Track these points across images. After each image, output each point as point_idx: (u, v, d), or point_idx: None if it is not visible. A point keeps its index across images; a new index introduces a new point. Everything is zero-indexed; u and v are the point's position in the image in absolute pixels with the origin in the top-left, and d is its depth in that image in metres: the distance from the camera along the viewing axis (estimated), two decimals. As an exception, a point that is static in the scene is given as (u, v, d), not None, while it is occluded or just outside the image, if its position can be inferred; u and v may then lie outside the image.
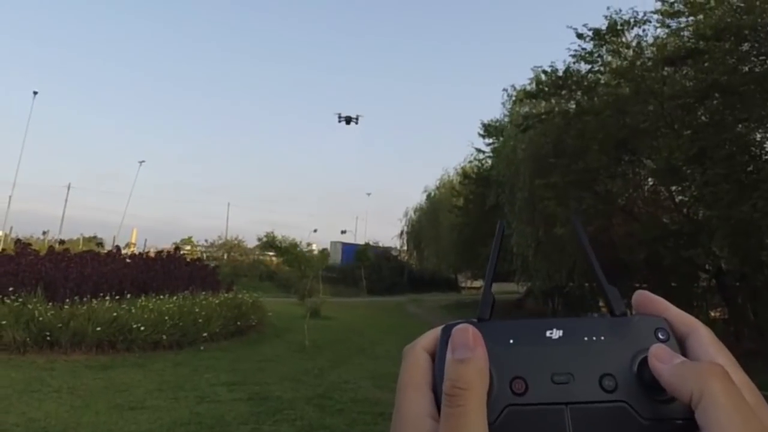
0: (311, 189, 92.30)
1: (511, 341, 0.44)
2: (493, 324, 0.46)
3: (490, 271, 0.50)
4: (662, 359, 0.40)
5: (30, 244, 14.01)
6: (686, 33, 13.64)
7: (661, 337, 0.43)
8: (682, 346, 0.44)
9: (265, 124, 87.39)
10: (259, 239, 36.31)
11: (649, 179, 16.47)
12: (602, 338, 0.44)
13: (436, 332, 0.47)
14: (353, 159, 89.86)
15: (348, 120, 35.23)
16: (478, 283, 41.04)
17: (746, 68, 12.36)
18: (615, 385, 0.41)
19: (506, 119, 23.92)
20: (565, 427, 0.40)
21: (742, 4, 12.12)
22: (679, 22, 13.76)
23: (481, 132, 28.02)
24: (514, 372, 0.42)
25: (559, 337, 0.44)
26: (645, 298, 0.48)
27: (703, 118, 13.56)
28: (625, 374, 0.42)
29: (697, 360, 0.42)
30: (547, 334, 0.45)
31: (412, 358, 0.45)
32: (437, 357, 0.44)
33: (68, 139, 77.04)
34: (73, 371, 9.00)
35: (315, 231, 46.64)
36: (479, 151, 29.48)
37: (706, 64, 12.54)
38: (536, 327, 0.45)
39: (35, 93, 36.12)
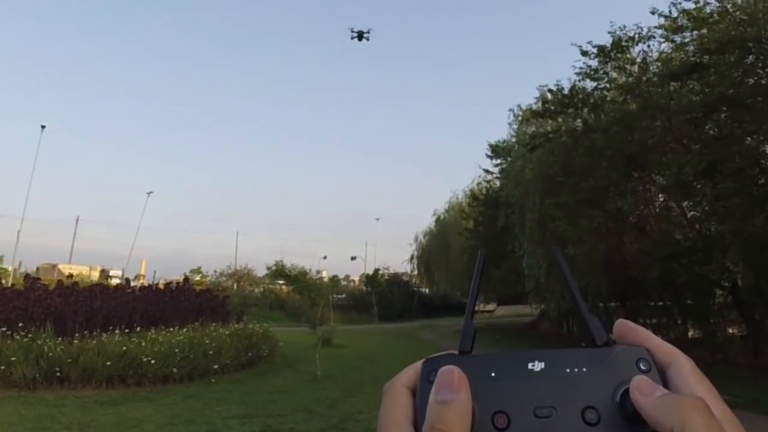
0: (320, 216, 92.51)
1: (493, 374, 0.44)
2: (475, 357, 0.45)
3: (471, 302, 0.50)
4: (644, 392, 0.40)
5: (39, 279, 13.97)
6: (691, 47, 13.62)
7: (642, 367, 0.43)
8: (663, 376, 0.43)
9: (273, 152, 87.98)
10: (269, 268, 36.21)
11: (660, 195, 16.36)
12: (584, 370, 0.44)
13: (416, 367, 0.46)
14: (362, 184, 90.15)
15: (360, 35, 35.40)
16: (491, 306, 40.72)
17: (752, 81, 12.31)
18: (597, 418, 0.41)
19: (513, 139, 23.95)
20: None
21: (745, 17, 12.11)
22: (684, 37, 13.77)
23: (489, 153, 28.06)
24: (497, 406, 0.42)
25: (541, 370, 0.44)
26: (626, 327, 0.47)
27: (711, 132, 13.49)
28: (608, 407, 0.41)
29: (678, 391, 0.42)
30: (529, 366, 0.44)
31: (392, 394, 0.45)
32: (418, 393, 0.44)
33: (76, 172, 77.85)
34: (83, 407, 8.88)
35: (325, 258, 46.47)
36: (487, 172, 29.50)
37: (711, 78, 12.51)
38: (518, 359, 0.45)
39: (43, 127, 36.37)
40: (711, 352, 16.72)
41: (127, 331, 11.84)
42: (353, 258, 51.67)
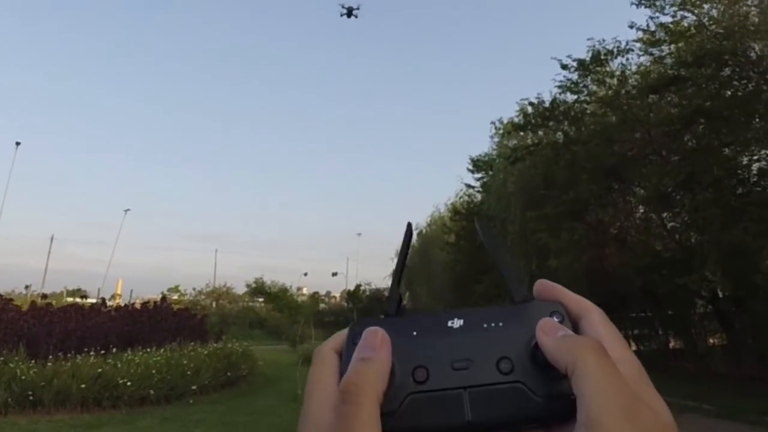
0: (301, 233, 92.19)
1: (415, 333, 0.46)
2: (399, 319, 0.47)
3: (397, 270, 0.51)
4: (547, 332, 0.42)
5: (12, 300, 13.61)
6: (668, 60, 13.81)
7: (555, 319, 0.45)
8: (576, 328, 0.45)
9: (252, 168, 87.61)
10: (248, 285, 35.86)
11: (640, 207, 16.48)
12: (500, 324, 0.45)
13: (345, 333, 0.47)
14: (343, 200, 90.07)
15: (349, 12, 36.31)
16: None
17: (728, 93, 12.49)
18: (511, 368, 0.43)
19: (495, 153, 24.05)
20: (464, 409, 0.42)
21: (721, 31, 12.31)
22: (661, 50, 13.98)
23: (470, 167, 28.11)
24: (417, 362, 0.44)
25: (460, 326, 0.46)
26: (544, 285, 0.49)
27: (689, 143, 13.64)
28: (521, 356, 0.43)
29: None
30: (449, 324, 0.46)
31: (320, 357, 0.46)
32: (344, 355, 0.45)
33: (51, 190, 76.65)
34: (57, 432, 8.62)
35: (305, 275, 46.14)
36: (469, 186, 29.51)
37: (689, 91, 12.68)
38: (439, 318, 0.46)
39: (18, 144, 35.75)
40: (693, 363, 16.81)
41: (102, 352, 11.55)
42: (334, 274, 51.27)
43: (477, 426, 0.42)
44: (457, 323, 0.46)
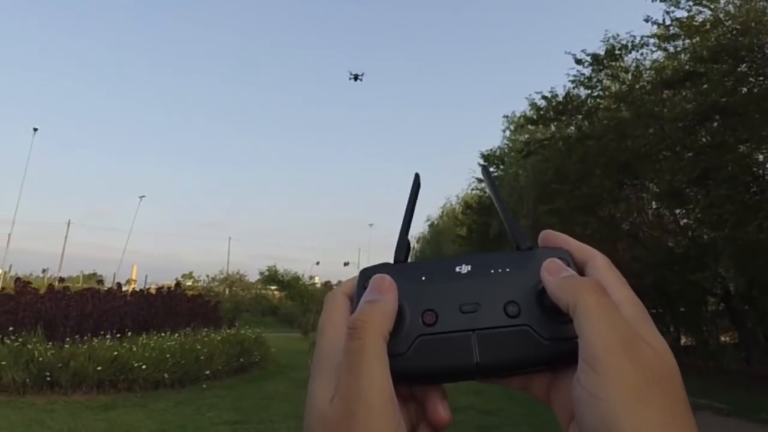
0: (313, 222, 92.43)
1: (424, 278, 0.48)
2: (408, 264, 0.50)
3: (406, 218, 0.54)
4: (551, 272, 0.44)
5: (30, 283, 13.81)
6: (684, 56, 13.70)
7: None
8: (581, 273, 0.46)
9: (266, 158, 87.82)
10: (261, 273, 36.08)
11: (653, 202, 16.41)
12: (507, 270, 0.47)
13: (356, 278, 0.50)
14: (356, 191, 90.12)
15: (356, 77, 40.43)
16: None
17: (745, 89, 12.37)
18: (518, 311, 0.45)
19: (507, 147, 24.00)
20: (473, 351, 0.44)
21: (738, 26, 12.18)
22: (676, 46, 13.86)
23: (481, 162, 28.02)
24: (426, 305, 0.46)
25: (468, 272, 0.48)
26: (549, 234, 0.51)
27: (704, 139, 13.54)
28: (528, 300, 0.45)
29: None
30: (457, 269, 0.48)
31: (332, 300, 0.49)
32: (354, 298, 0.47)
33: (69, 175, 77.73)
34: (73, 412, 8.78)
35: (317, 264, 46.38)
36: (480, 180, 29.41)
37: (704, 86, 12.56)
38: (447, 264, 0.49)
39: (35, 130, 36.09)
40: (704, 360, 16.76)
41: (118, 336, 11.73)
42: (346, 264, 51.55)
43: (485, 367, 0.44)
44: (464, 269, 0.48)
